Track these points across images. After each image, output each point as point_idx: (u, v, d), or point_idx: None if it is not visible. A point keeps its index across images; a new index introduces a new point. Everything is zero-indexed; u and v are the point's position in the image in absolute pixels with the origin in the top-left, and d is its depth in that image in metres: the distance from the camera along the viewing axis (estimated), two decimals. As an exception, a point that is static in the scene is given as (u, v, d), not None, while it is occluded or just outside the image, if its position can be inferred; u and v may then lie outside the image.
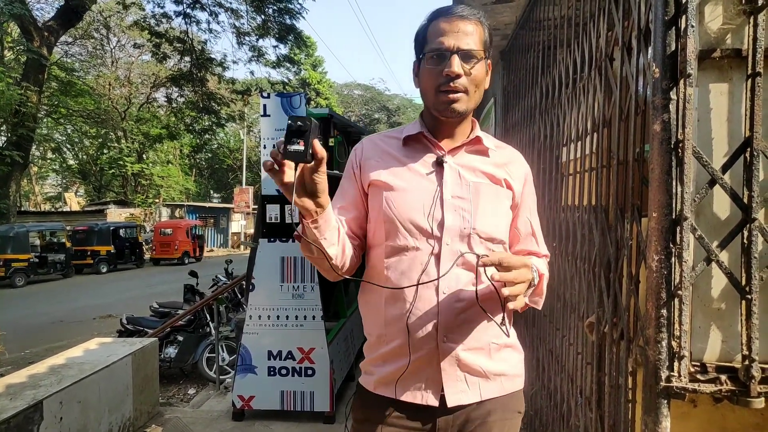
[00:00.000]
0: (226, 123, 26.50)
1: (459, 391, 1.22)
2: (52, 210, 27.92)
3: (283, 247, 3.46)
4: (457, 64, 1.18)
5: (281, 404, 3.50)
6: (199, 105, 25.37)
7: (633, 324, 1.49)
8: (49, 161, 28.32)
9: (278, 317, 3.46)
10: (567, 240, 2.34)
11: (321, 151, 1.03)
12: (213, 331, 5.62)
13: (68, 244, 16.46)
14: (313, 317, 3.44)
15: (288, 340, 3.46)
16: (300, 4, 20.97)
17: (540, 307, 1.29)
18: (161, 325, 6.27)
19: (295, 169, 1.04)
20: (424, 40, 1.25)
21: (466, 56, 1.19)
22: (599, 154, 1.96)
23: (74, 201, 33.11)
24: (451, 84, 1.19)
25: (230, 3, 21.57)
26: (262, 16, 21.54)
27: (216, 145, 35.96)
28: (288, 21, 21.44)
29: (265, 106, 3.43)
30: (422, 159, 1.29)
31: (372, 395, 1.28)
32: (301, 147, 1.00)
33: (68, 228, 17.42)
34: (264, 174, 3.48)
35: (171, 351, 6.51)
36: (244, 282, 5.97)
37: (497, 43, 4.61)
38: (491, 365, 1.25)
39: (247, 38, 23.10)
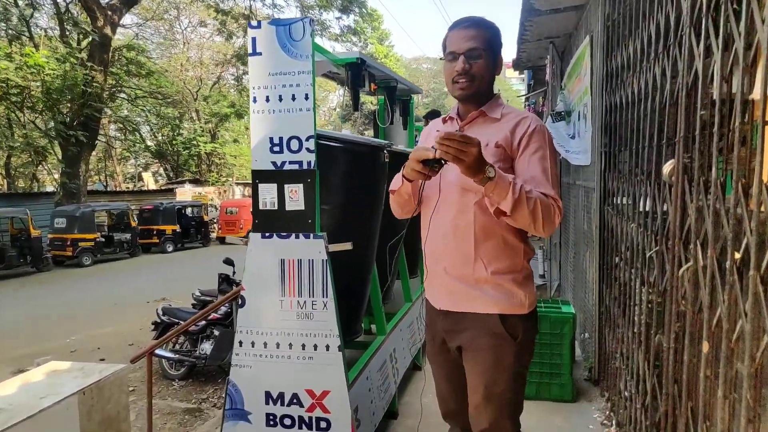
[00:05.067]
0: (291, 99, 26.07)
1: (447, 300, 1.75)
2: (128, 189, 28.70)
3: (284, 245, 2.39)
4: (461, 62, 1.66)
5: (288, 462, 2.49)
6: (264, 82, 24.92)
7: None
8: (129, 142, 29.17)
9: (278, 345, 2.41)
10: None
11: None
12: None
13: (134, 224, 16.43)
14: (327, 347, 2.35)
15: (293, 378, 2.40)
16: (364, -29, 19.92)
17: (506, 209, 1.49)
18: (190, 318, 5.52)
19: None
20: (444, 46, 1.74)
21: (471, 55, 1.65)
22: None
23: (151, 180, 34.08)
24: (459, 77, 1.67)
25: (294, -25, 20.88)
26: (325, -13, 20.74)
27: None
28: (351, -11, 20.48)
29: (254, 40, 2.35)
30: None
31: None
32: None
33: (132, 207, 17.44)
34: (254, 142, 2.43)
35: (206, 347, 5.84)
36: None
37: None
38: (468, 288, 1.68)
39: (310, 12, 22.48)
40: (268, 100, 2.35)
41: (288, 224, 2.37)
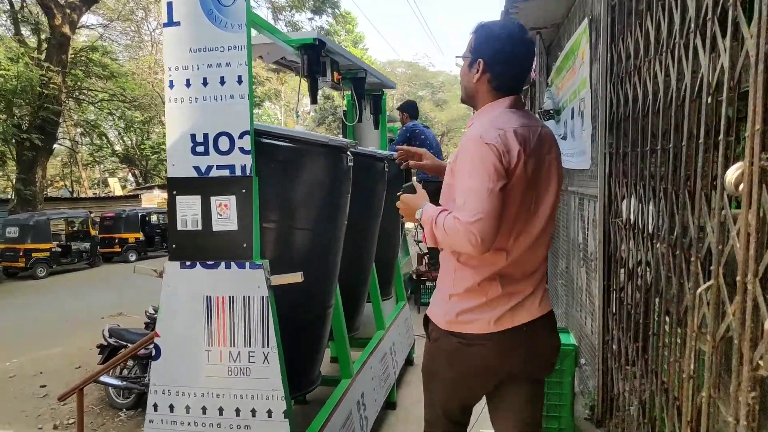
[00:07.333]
0: (262, 102, 25.50)
1: None
2: (93, 196, 27.58)
3: (210, 277, 1.82)
4: None
5: None
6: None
7: None
8: (94, 146, 28.09)
9: (204, 410, 1.83)
10: None
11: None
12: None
13: (93, 232, 15.54)
14: (270, 412, 1.77)
15: (224, 452, 1.84)
16: (336, -28, 19.45)
17: (432, 244, 1.48)
18: (137, 342, 4.89)
19: None
20: None
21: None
22: None
23: (118, 186, 32.89)
24: None
25: (266, -24, 20.31)
26: (297, -13, 20.25)
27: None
28: (323, -10, 20.00)
29: (170, 5, 1.77)
30: None
31: None
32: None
33: (94, 215, 16.56)
34: (171, 140, 1.84)
35: (156, 373, 5.17)
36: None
37: None
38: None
39: (282, 14, 21.97)
40: (188, 84, 1.77)
41: (216, 250, 1.79)
